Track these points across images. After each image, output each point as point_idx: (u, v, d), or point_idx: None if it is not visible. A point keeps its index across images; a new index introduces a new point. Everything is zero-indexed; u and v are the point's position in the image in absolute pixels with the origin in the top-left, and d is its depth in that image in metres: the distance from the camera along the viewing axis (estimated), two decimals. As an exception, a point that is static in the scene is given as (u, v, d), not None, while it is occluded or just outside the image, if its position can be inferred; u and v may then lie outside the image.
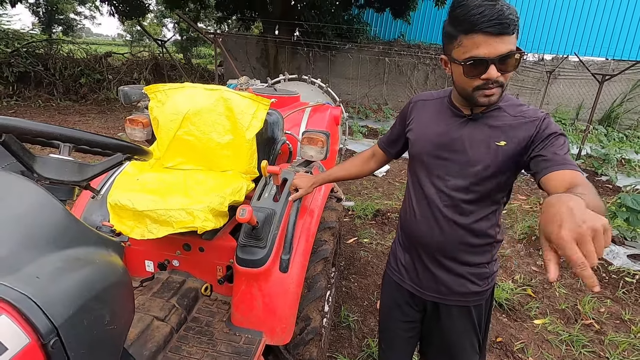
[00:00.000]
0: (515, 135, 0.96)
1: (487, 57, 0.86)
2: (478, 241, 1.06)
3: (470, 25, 0.85)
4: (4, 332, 0.51)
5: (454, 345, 1.19)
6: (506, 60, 0.87)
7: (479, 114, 1.00)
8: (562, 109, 8.77)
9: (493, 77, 0.88)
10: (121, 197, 1.27)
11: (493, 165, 0.98)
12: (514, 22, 0.84)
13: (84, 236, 0.72)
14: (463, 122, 1.02)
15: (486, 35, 0.84)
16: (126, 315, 0.79)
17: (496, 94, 0.91)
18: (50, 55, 8.62)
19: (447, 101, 1.07)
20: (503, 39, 0.85)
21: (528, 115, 0.97)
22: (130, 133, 1.85)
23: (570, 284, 2.74)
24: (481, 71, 0.88)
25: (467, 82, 0.92)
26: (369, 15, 10.40)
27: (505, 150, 0.96)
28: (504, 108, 1.00)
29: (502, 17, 0.82)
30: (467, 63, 0.89)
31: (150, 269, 1.55)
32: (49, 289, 0.59)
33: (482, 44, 0.85)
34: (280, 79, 3.24)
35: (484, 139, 0.99)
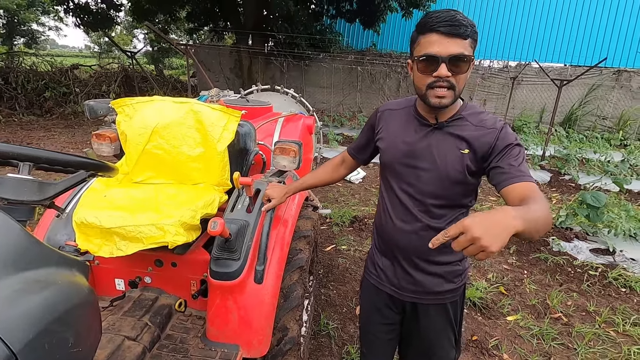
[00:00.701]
0: (476, 143, 1.02)
1: (439, 54, 0.93)
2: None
3: (426, 25, 0.94)
4: (-45, 362, 0.49)
5: (433, 343, 1.23)
6: (457, 61, 0.93)
7: (444, 123, 1.05)
8: (526, 112, 9.22)
9: (443, 75, 0.93)
10: (87, 214, 1.23)
11: (459, 172, 1.03)
12: (467, 28, 0.92)
13: (44, 257, 0.70)
14: (429, 131, 1.07)
15: (439, 35, 0.92)
16: (92, 337, 0.77)
17: (447, 97, 0.97)
18: (12, 69, 8.26)
19: (413, 110, 1.12)
20: (455, 40, 0.92)
21: (487, 125, 1.03)
22: (97, 148, 1.80)
23: (540, 280, 2.87)
24: (433, 69, 0.94)
25: (420, 79, 0.98)
26: (341, 26, 10.62)
27: (469, 158, 1.02)
28: (466, 117, 1.05)
29: (454, 20, 0.91)
30: (421, 59, 0.96)
31: (120, 287, 1.51)
32: (6, 313, 0.57)
33: (435, 42, 0.93)
34: (252, 89, 3.25)
35: (449, 147, 1.04)
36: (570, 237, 3.41)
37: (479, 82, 9.31)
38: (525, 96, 9.28)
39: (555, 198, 4.78)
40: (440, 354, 1.24)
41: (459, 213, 1.11)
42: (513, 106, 9.01)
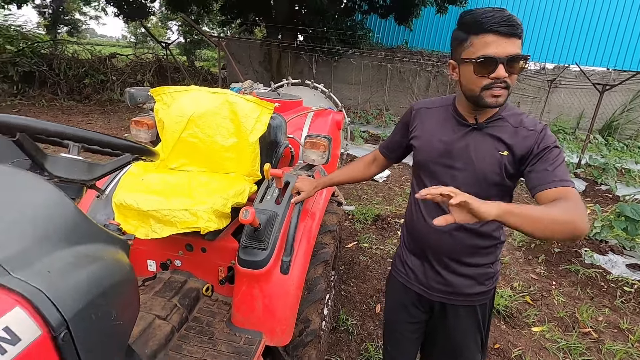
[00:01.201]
0: (516, 145, 1.00)
1: (497, 56, 0.91)
2: (484, 243, 1.11)
3: (481, 26, 0.91)
4: (17, 324, 0.53)
5: (460, 344, 1.22)
6: (514, 62, 0.92)
7: (483, 124, 1.04)
8: (562, 118, 8.82)
9: (501, 76, 0.92)
10: (126, 197, 1.29)
11: (496, 173, 1.02)
12: (521, 28, 0.91)
13: (93, 233, 0.74)
14: (468, 131, 1.06)
15: (496, 35, 0.90)
16: (131, 312, 0.80)
17: (503, 96, 0.95)
18: (55, 56, 8.69)
19: (452, 109, 1.10)
20: (512, 40, 0.91)
21: (527, 126, 1.01)
22: (135, 134, 1.87)
23: (569, 292, 2.75)
24: (490, 70, 0.92)
25: (476, 81, 0.96)
26: (373, 21, 10.49)
27: (507, 160, 1.01)
28: (506, 118, 1.04)
29: (511, 20, 0.89)
30: (478, 61, 0.93)
31: (152, 268, 1.57)
32: (60, 283, 0.61)
33: (492, 43, 0.91)
34: (283, 83, 3.27)
35: (488, 148, 1.03)
36: (604, 250, 3.24)
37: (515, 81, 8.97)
38: (562, 100, 8.86)
39: (589, 208, 4.55)
40: (467, 356, 1.24)
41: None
42: (548, 110, 8.64)
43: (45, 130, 0.76)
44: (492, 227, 1.10)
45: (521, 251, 3.32)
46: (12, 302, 0.54)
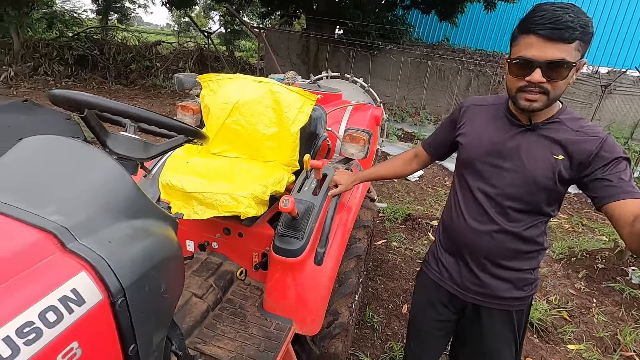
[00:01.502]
0: (575, 151, 0.94)
1: (534, 59, 0.86)
2: (526, 248, 1.06)
3: (527, 26, 0.87)
4: (83, 287, 0.57)
5: (491, 350, 1.18)
6: (555, 67, 0.86)
7: (538, 124, 0.99)
8: (615, 126, 8.21)
9: (535, 81, 0.87)
10: (172, 178, 1.34)
11: (548, 178, 0.97)
12: (574, 30, 0.83)
13: (148, 209, 0.78)
14: (521, 131, 1.01)
15: (539, 38, 0.85)
16: (177, 288, 0.84)
17: (539, 101, 0.91)
18: (106, 41, 9.19)
19: (505, 108, 1.06)
20: (556, 45, 0.84)
21: (589, 132, 0.95)
22: (180, 119, 1.94)
23: (611, 312, 2.58)
24: (526, 73, 0.89)
25: (512, 81, 0.94)
26: (414, 16, 10.21)
27: (563, 164, 0.96)
28: (564, 121, 0.98)
29: (559, 22, 0.82)
30: (514, 62, 0.91)
31: (190, 248, 1.63)
32: (120, 253, 0.64)
33: (533, 45, 0.86)
34: (323, 75, 3.27)
35: (541, 151, 0.98)
36: (655, 271, 3.01)
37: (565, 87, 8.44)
38: (616, 107, 8.24)
39: (639, 225, 4.24)
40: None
41: (538, 221, 1.05)
42: (599, 118, 8.07)
43: (110, 109, 0.80)
44: (535, 232, 1.06)
45: (560, 264, 3.15)
46: (79, 267, 0.58)
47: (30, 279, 0.53)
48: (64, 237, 0.59)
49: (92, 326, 0.57)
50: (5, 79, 7.32)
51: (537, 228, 1.05)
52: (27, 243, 0.56)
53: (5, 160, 0.69)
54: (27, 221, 0.59)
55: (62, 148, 0.74)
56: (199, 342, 1.21)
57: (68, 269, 0.57)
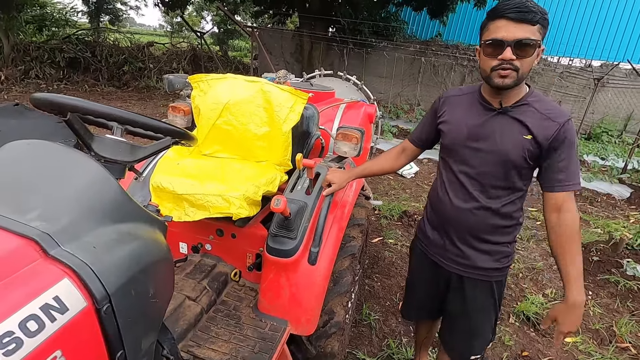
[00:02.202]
0: (540, 131, 1.06)
1: (505, 39, 0.98)
2: (504, 223, 1.19)
3: (496, 12, 1.01)
4: (66, 294, 0.55)
5: (475, 321, 1.31)
6: (522, 45, 0.98)
7: (508, 108, 1.10)
8: (608, 119, 8.26)
9: (507, 58, 0.99)
10: (163, 179, 1.33)
11: (519, 156, 1.09)
12: (536, 14, 0.96)
13: (134, 213, 0.76)
14: (494, 115, 1.12)
15: (507, 20, 0.98)
16: (167, 291, 0.83)
17: (511, 77, 1.01)
18: (98, 43, 9.10)
19: (478, 95, 1.17)
20: (522, 26, 0.97)
21: (553, 115, 1.07)
22: (171, 120, 1.92)
23: (607, 304, 2.60)
24: (498, 52, 1.00)
25: (486, 62, 1.05)
26: (407, 13, 10.21)
27: (531, 143, 1.07)
28: (532, 104, 1.09)
29: (523, 6, 0.96)
30: (487, 43, 1.02)
31: (184, 250, 1.62)
32: (104, 258, 0.63)
33: (502, 27, 0.99)
34: (315, 74, 3.25)
35: (512, 132, 1.09)
36: (649, 262, 3.03)
37: (555, 82, 8.49)
38: (609, 100, 8.29)
39: (634, 217, 4.27)
40: (481, 334, 1.33)
41: (515, 197, 1.17)
42: (592, 111, 8.10)
43: (94, 111, 0.79)
44: (512, 208, 1.18)
45: (556, 257, 3.16)
46: (62, 274, 0.57)
47: (10, 287, 0.51)
48: (46, 243, 0.58)
49: (77, 334, 0.56)
50: (-5, 83, 7.25)
51: (513, 204, 1.18)
52: (7, 250, 0.55)
53: None
54: (8, 228, 0.57)
55: (45, 152, 0.72)
56: (193, 346, 1.20)
57: (50, 276, 0.56)
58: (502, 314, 2.39)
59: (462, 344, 1.37)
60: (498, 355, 2.06)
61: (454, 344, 1.40)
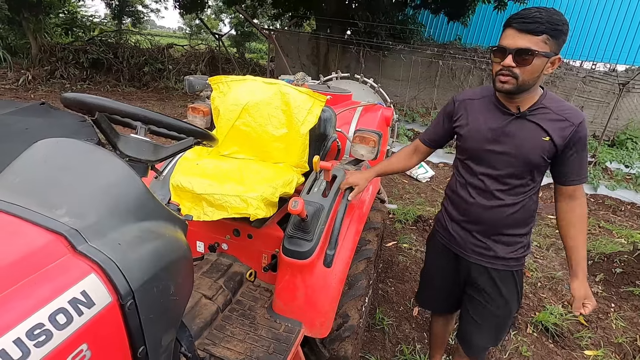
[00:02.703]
0: (555, 133, 1.13)
1: (507, 46, 1.06)
2: (524, 216, 1.26)
3: (509, 20, 1.07)
4: (92, 289, 0.57)
5: (498, 309, 1.34)
6: (522, 54, 1.04)
7: (526, 112, 1.16)
8: (634, 125, 7.98)
9: (506, 64, 1.06)
10: (182, 179, 1.35)
11: (539, 157, 1.15)
12: (542, 25, 1.00)
13: (158, 211, 0.78)
14: (512, 119, 1.18)
15: (513, 30, 1.05)
16: (187, 289, 0.84)
17: (509, 83, 1.09)
18: (120, 45, 9.35)
19: (494, 99, 1.22)
20: (525, 36, 1.02)
21: (569, 116, 1.13)
22: (191, 120, 1.96)
23: (630, 317, 2.50)
24: (501, 58, 1.08)
25: (494, 66, 1.13)
26: (425, 16, 10.12)
27: (549, 144, 1.14)
28: (548, 106, 1.15)
29: (529, 17, 1.01)
30: (494, 48, 1.11)
31: (200, 249, 1.64)
32: (129, 255, 0.65)
33: (508, 36, 1.06)
34: (332, 76, 3.26)
35: (531, 135, 1.15)
36: (676, 275, 2.90)
37: (578, 86, 8.26)
38: (634, 106, 8.00)
39: (659, 227, 4.10)
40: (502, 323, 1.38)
41: (532, 191, 1.25)
42: (617, 117, 7.84)
43: (121, 111, 0.81)
44: (530, 201, 1.25)
45: (576, 267, 3.07)
46: (89, 269, 0.58)
47: (41, 281, 0.53)
48: (75, 239, 0.60)
49: (102, 328, 0.58)
50: (23, 82, 7.52)
51: (530, 199, 1.25)
52: (38, 245, 0.57)
53: (18, 163, 0.70)
54: (39, 223, 0.59)
55: (73, 150, 0.74)
56: (209, 344, 1.21)
57: (78, 271, 0.57)
58: (520, 323, 2.33)
59: (482, 335, 1.40)
60: (515, 366, 2.01)
61: (474, 335, 1.42)
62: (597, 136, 7.65)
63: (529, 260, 3.08)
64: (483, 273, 1.33)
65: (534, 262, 3.06)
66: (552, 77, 8.42)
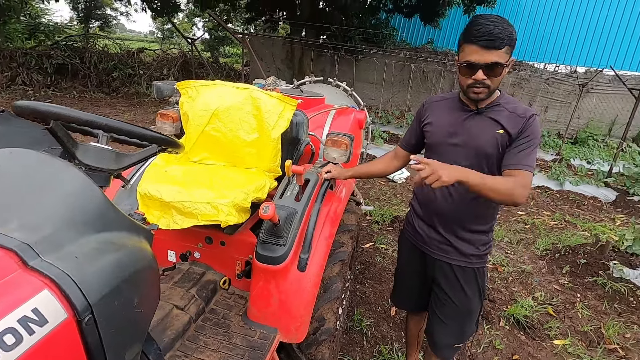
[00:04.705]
0: (509, 127, 1.21)
1: (477, 62, 1.13)
2: (482, 212, 1.32)
3: (469, 37, 1.13)
4: (45, 306, 0.54)
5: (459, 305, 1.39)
6: (492, 68, 1.13)
7: (483, 109, 1.25)
8: (593, 123, 8.45)
9: (479, 79, 1.14)
10: (150, 187, 1.31)
11: (494, 149, 1.23)
12: (503, 40, 1.09)
13: (118, 221, 0.75)
14: (471, 115, 1.27)
15: (478, 47, 1.11)
16: (152, 301, 0.82)
17: (483, 93, 1.18)
18: (87, 49, 9.02)
19: (458, 100, 1.33)
20: (491, 52, 1.11)
21: (519, 112, 1.22)
22: (160, 127, 1.91)
23: (595, 306, 2.64)
24: (472, 73, 1.15)
25: (462, 80, 1.21)
26: (398, 21, 10.35)
27: (503, 137, 1.22)
28: (503, 105, 1.25)
29: (491, 34, 1.08)
30: (462, 65, 1.17)
31: (172, 259, 1.60)
32: (86, 268, 0.62)
33: (474, 52, 1.12)
34: (305, 80, 3.27)
35: (487, 129, 1.24)
36: (635, 264, 3.09)
37: (542, 88, 8.67)
38: (594, 106, 8.49)
39: (619, 219, 4.35)
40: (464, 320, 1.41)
41: None
42: (578, 116, 8.28)
43: (77, 119, 0.78)
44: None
45: (544, 260, 3.21)
46: (41, 285, 0.56)
47: (-13, 300, 0.50)
48: (26, 254, 0.57)
49: (56, 347, 0.55)
50: (-19, 89, 7.12)
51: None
52: (-16, 262, 0.54)
53: None
54: None
55: (27, 161, 0.71)
56: (180, 356, 1.18)
57: (29, 287, 0.54)
58: (493, 317, 2.41)
59: (446, 332, 1.44)
60: (488, 359, 2.07)
61: (439, 333, 1.46)
62: (562, 135, 8.04)
63: (501, 255, 3.19)
64: (446, 270, 1.38)
65: (505, 258, 3.17)
66: (518, 79, 8.80)
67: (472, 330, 1.46)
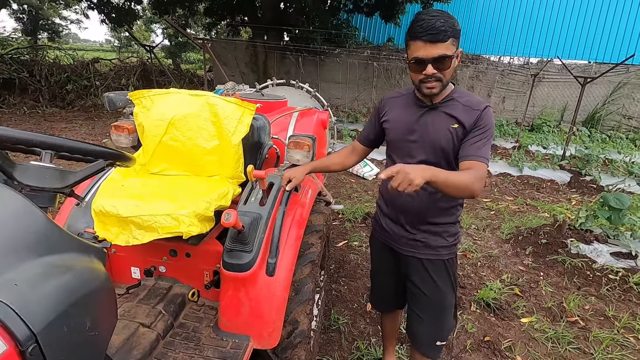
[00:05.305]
0: (463, 119, 1.23)
1: (424, 57, 1.14)
2: (447, 205, 1.34)
3: (414, 33, 1.14)
4: (-20, 340, 0.51)
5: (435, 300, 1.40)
6: (440, 61, 1.14)
7: (437, 104, 1.27)
8: (547, 111, 8.96)
9: (429, 73, 1.16)
10: (105, 203, 1.26)
11: (451, 143, 1.24)
12: (446, 32, 1.10)
13: (64, 243, 0.72)
14: (426, 110, 1.29)
15: (423, 42, 1.12)
16: (108, 322, 0.79)
17: (436, 87, 1.19)
18: (36, 62, 8.50)
19: (413, 96, 1.34)
20: (437, 45, 1.12)
21: (473, 104, 1.24)
22: (115, 139, 1.84)
23: (556, 283, 2.80)
24: (422, 68, 1.16)
25: (414, 76, 1.22)
26: (359, 20, 10.51)
27: (458, 131, 1.24)
28: (456, 99, 1.27)
29: (434, 29, 1.10)
30: (411, 62, 1.18)
31: (136, 275, 1.54)
32: (28, 295, 0.59)
33: (421, 48, 1.14)
34: (268, 83, 3.25)
35: (442, 123, 1.25)
36: (589, 240, 3.31)
37: (498, 79, 9.09)
38: (546, 94, 9.01)
39: (574, 199, 4.64)
40: (442, 315, 1.42)
41: None
42: (533, 104, 8.77)
43: (10, 138, 0.73)
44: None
45: (509, 243, 3.36)
46: (-25, 317, 0.52)
47: None
48: None
49: (-4, 381, 0.52)
50: None
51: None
52: None
53: None
54: None
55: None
56: (149, 375, 1.14)
57: None
58: (465, 302, 2.50)
59: (425, 328, 1.45)
60: (462, 343, 2.14)
61: (419, 330, 1.47)
62: (519, 123, 8.46)
63: (469, 242, 3.31)
64: (417, 265, 1.39)
65: (474, 244, 3.30)
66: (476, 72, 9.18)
67: (451, 324, 1.47)
